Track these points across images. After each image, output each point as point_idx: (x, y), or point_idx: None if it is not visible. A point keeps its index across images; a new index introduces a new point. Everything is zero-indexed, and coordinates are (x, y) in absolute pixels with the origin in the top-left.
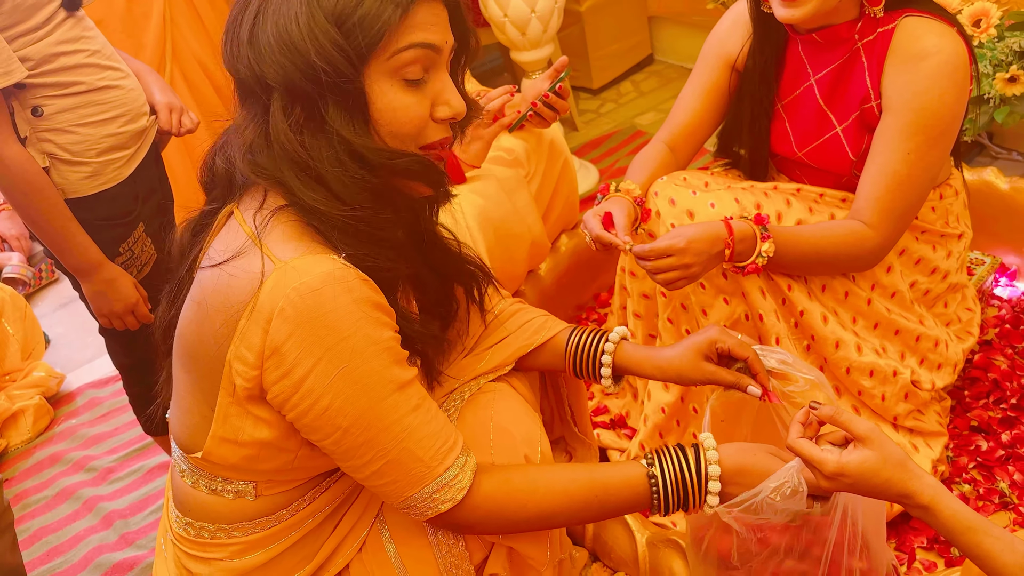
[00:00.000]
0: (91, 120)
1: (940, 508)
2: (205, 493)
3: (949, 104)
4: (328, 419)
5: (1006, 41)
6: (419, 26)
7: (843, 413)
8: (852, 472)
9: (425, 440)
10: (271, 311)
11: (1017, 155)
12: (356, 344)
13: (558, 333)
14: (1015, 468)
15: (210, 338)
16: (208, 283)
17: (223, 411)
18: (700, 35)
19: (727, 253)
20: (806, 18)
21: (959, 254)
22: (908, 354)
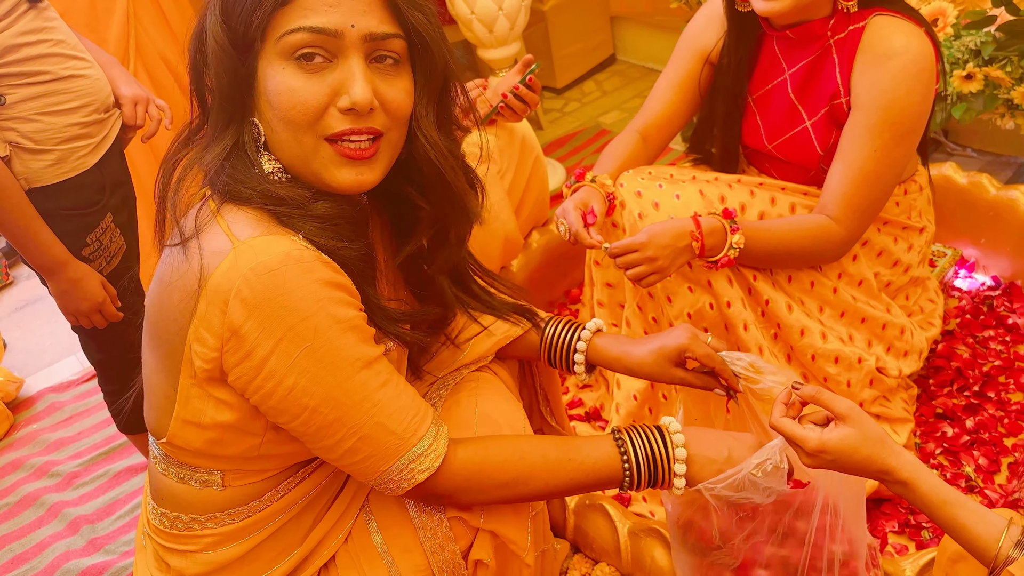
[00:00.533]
0: (55, 109)
1: (919, 483)
2: (174, 481)
3: (916, 102)
4: (294, 399)
5: (963, 39)
6: (311, 8)
7: (824, 392)
8: (833, 449)
9: (396, 414)
10: (228, 292)
11: (972, 151)
12: (319, 323)
13: (535, 324)
14: (980, 453)
15: (171, 316)
16: (168, 260)
17: (184, 392)
18: (662, 35)
19: (696, 246)
20: (784, 11)
21: (920, 248)
22: (875, 341)
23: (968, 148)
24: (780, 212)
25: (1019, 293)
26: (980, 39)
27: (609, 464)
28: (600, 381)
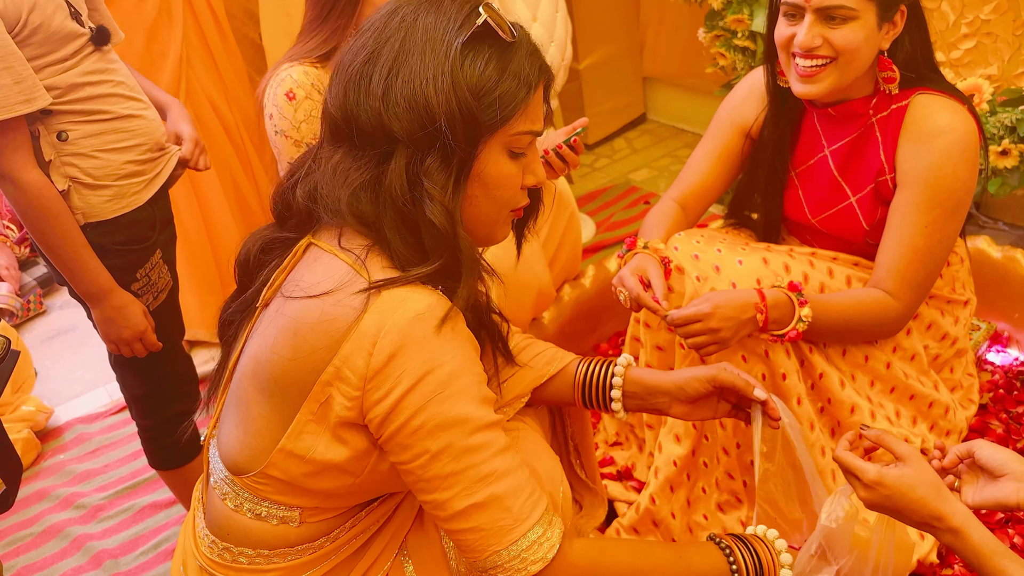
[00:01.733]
0: (114, 146)
1: (970, 532)
2: (248, 518)
3: (963, 179)
4: (419, 439)
5: (998, 116)
6: (532, 109)
7: (887, 435)
8: (890, 484)
9: (513, 490)
10: (376, 334)
11: (1004, 225)
12: (455, 370)
13: (568, 363)
14: (1015, 531)
15: (305, 363)
16: (308, 313)
17: (299, 427)
18: (693, 97)
19: (760, 319)
20: (823, 94)
21: (965, 320)
22: (920, 419)
23: (1000, 222)
24: (838, 284)
25: None
26: (1016, 116)
27: (717, 565)
28: (631, 439)
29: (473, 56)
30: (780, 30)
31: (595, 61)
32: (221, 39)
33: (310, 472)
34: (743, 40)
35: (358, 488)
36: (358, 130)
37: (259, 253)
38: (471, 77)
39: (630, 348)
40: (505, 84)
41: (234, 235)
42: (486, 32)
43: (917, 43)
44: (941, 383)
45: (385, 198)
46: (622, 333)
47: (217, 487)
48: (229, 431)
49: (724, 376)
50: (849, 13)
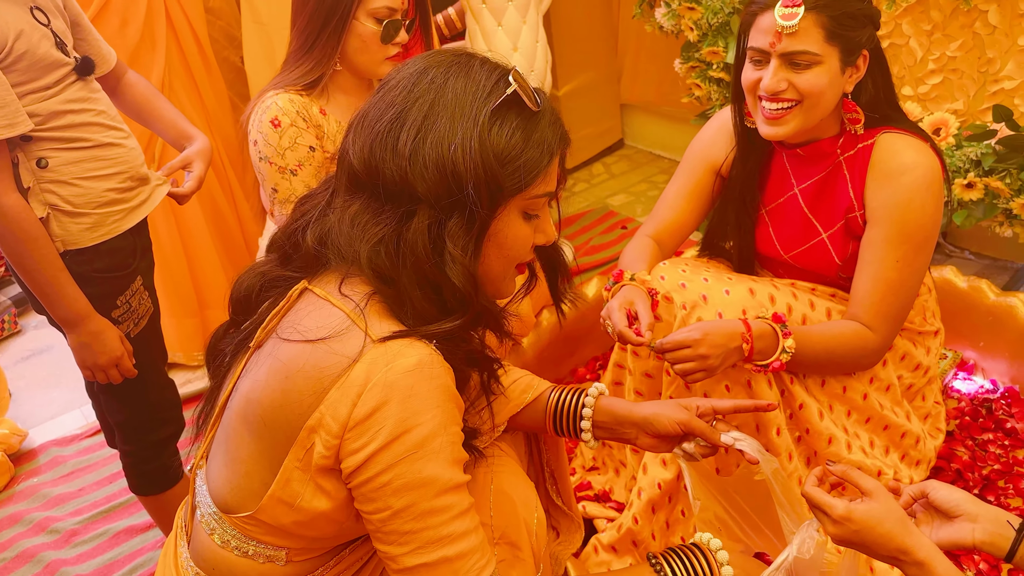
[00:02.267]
0: (94, 174)
1: (935, 565)
2: (235, 555)
3: (930, 214)
4: (383, 495)
5: (964, 150)
6: (551, 175)
7: (853, 471)
8: (858, 519)
9: (464, 553)
10: (363, 385)
11: (969, 254)
12: (432, 431)
13: (543, 392)
14: (980, 557)
15: (293, 408)
16: (301, 357)
17: (286, 474)
18: (669, 124)
19: (745, 348)
20: (788, 136)
21: (936, 349)
22: (892, 449)
23: (966, 251)
24: (819, 316)
25: (1017, 398)
26: (981, 151)
27: None
28: (608, 464)
29: (500, 124)
30: (747, 74)
31: (574, 88)
32: (203, 64)
33: (300, 520)
34: (718, 72)
35: (345, 531)
36: (382, 186)
37: (260, 290)
38: (498, 144)
39: (613, 374)
40: (529, 152)
41: (213, 259)
42: (514, 100)
43: (880, 85)
44: (913, 413)
45: (405, 255)
46: (600, 357)
47: (204, 522)
48: (218, 468)
49: (695, 423)
50: (813, 59)
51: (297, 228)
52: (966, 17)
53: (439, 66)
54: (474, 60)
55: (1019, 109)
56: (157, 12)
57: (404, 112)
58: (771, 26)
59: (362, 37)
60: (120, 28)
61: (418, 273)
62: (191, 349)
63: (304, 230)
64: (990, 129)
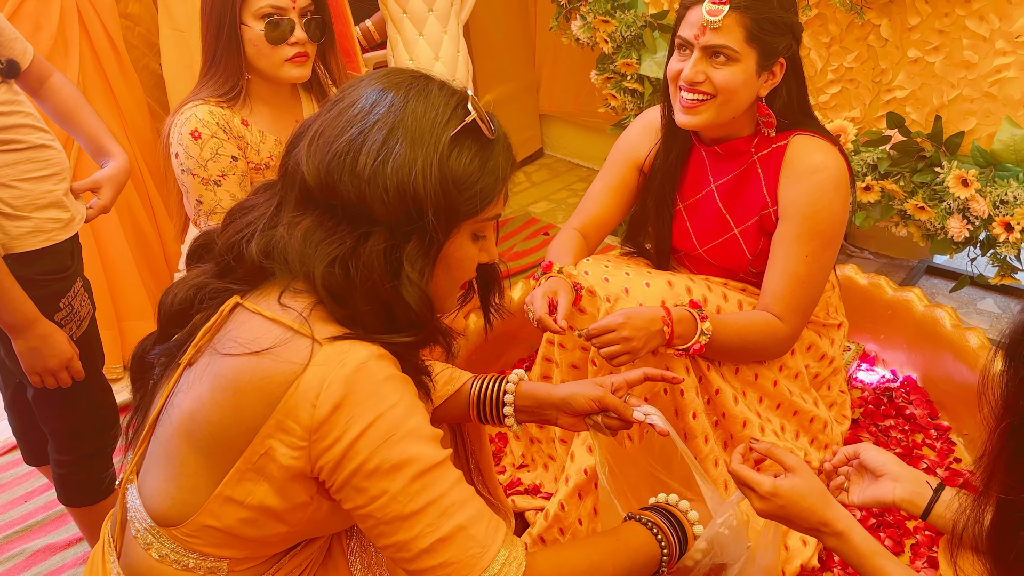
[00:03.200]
0: (32, 176)
1: (852, 535)
2: (174, 569)
3: (836, 212)
4: (375, 482)
5: (861, 155)
6: (502, 198)
7: (777, 448)
8: (783, 494)
9: (474, 517)
10: (319, 386)
11: (869, 253)
12: (403, 412)
13: (464, 383)
14: (885, 535)
15: (246, 421)
16: (247, 370)
17: (237, 476)
18: (587, 134)
19: (666, 332)
20: (702, 126)
21: (840, 341)
22: (802, 434)
23: (866, 251)
24: (732, 307)
25: (915, 386)
26: (877, 155)
27: (652, 555)
28: (537, 460)
29: (459, 151)
30: (671, 64)
31: (494, 98)
32: (120, 70)
33: (247, 519)
34: (632, 83)
35: (290, 536)
36: (338, 206)
37: (195, 302)
38: (457, 171)
39: (541, 368)
40: (485, 179)
41: (131, 269)
42: (472, 127)
43: (794, 94)
44: (820, 400)
45: (360, 275)
46: (526, 359)
47: (139, 537)
48: (157, 484)
49: (608, 400)
50: (732, 54)
51: (241, 239)
52: (860, 31)
53: (397, 88)
54: (432, 84)
55: (910, 116)
56: (70, 16)
57: (364, 133)
58: (698, 19)
59: (253, 41)
60: (33, 32)
61: (371, 293)
62: (109, 362)
63: (248, 241)
64: (885, 135)
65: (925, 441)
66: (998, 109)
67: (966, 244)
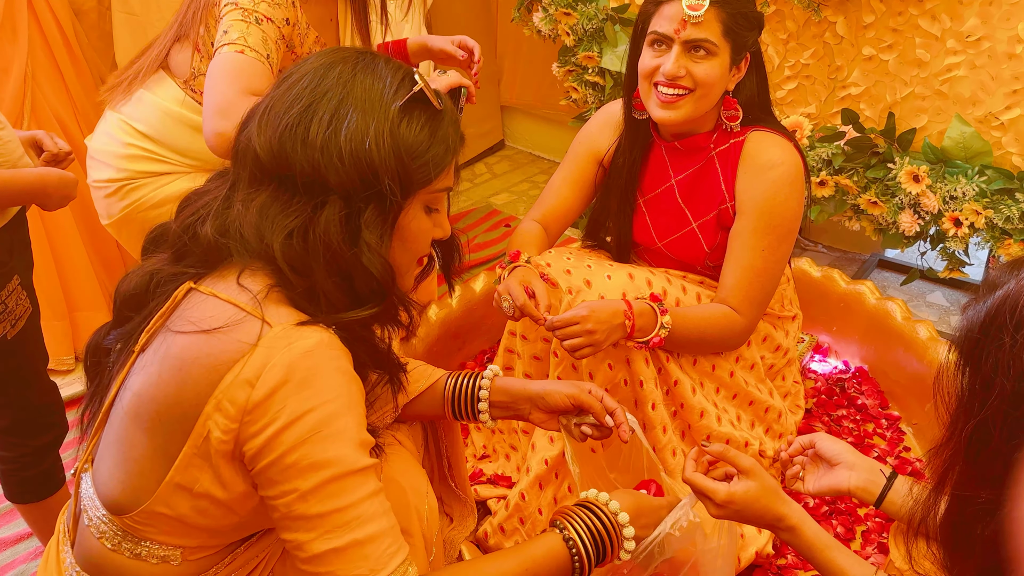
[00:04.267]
0: None
1: (804, 529)
2: (127, 557)
3: (792, 207)
4: (289, 477)
5: (817, 150)
6: (451, 171)
7: (729, 450)
8: (739, 499)
9: (376, 537)
10: (261, 367)
11: (822, 247)
12: (336, 411)
13: (438, 379)
14: (838, 522)
15: (189, 400)
16: (194, 347)
17: (185, 461)
18: (548, 126)
19: (628, 325)
20: (679, 121)
21: (795, 333)
22: (757, 423)
23: (819, 244)
24: (690, 299)
25: (867, 377)
26: (831, 151)
27: (559, 562)
28: (499, 450)
29: (409, 119)
30: (645, 61)
31: None
32: (70, 56)
33: (197, 507)
34: (593, 76)
35: (242, 526)
36: (290, 177)
37: (150, 288)
38: (408, 139)
39: (503, 359)
40: (435, 148)
41: (83, 258)
42: (419, 98)
43: (757, 88)
44: (775, 390)
45: (318, 245)
46: (487, 351)
47: (93, 526)
48: (108, 470)
49: (584, 398)
50: (712, 48)
51: (195, 221)
52: (817, 28)
53: (344, 62)
54: (378, 58)
55: (864, 113)
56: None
57: (313, 105)
58: (677, 14)
59: None
60: None
61: (331, 263)
62: (59, 353)
63: (202, 222)
64: (839, 131)
65: (876, 430)
66: (948, 107)
67: (917, 238)
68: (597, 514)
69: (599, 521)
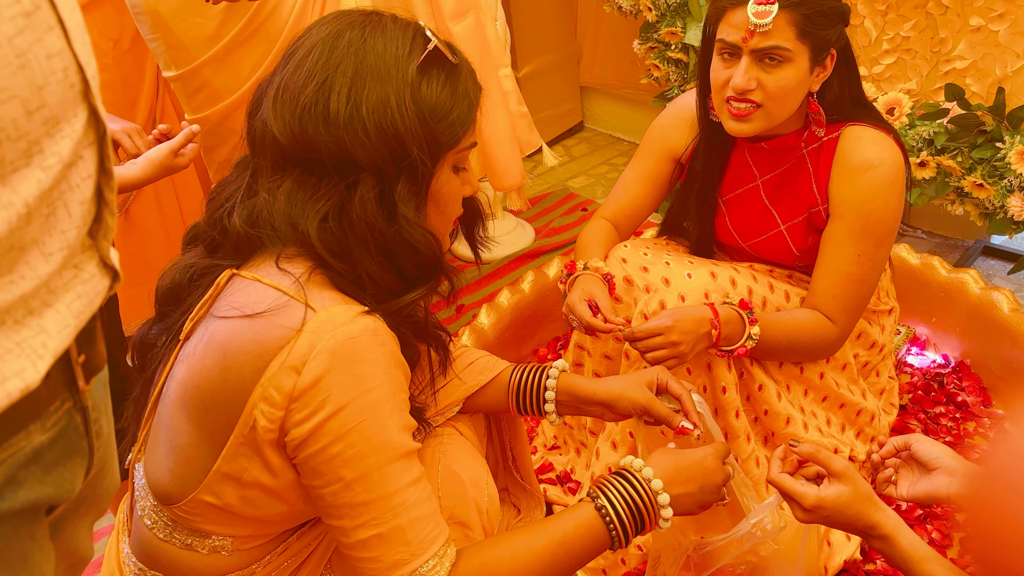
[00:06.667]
0: None
1: (900, 538)
2: (178, 548)
3: (892, 209)
4: (334, 467)
5: (917, 129)
6: (475, 128)
7: (821, 451)
8: (829, 505)
9: (418, 522)
10: (307, 354)
11: (922, 233)
12: (380, 398)
13: (502, 371)
14: (933, 527)
15: (234, 386)
16: (238, 333)
17: (233, 450)
18: (628, 107)
19: (714, 335)
20: (754, 133)
21: (891, 327)
22: (848, 427)
23: (919, 230)
24: (778, 298)
25: (968, 372)
26: (933, 130)
27: (595, 533)
28: (570, 443)
29: (428, 80)
30: (716, 73)
31: (533, 70)
32: None
33: (245, 497)
34: (676, 52)
35: (291, 515)
36: (317, 160)
37: (189, 281)
38: (431, 101)
39: (573, 355)
40: (459, 106)
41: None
42: (435, 55)
43: (845, 84)
44: (868, 390)
45: (356, 227)
46: (561, 338)
47: (145, 515)
48: (157, 460)
49: (655, 408)
50: (785, 55)
51: (222, 215)
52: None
53: (351, 28)
54: (385, 18)
55: (970, 88)
56: None
57: (328, 80)
58: (743, 22)
59: None
60: None
61: (372, 243)
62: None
63: (230, 215)
64: (942, 108)
65: (977, 429)
66: None
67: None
68: (632, 481)
69: (633, 489)
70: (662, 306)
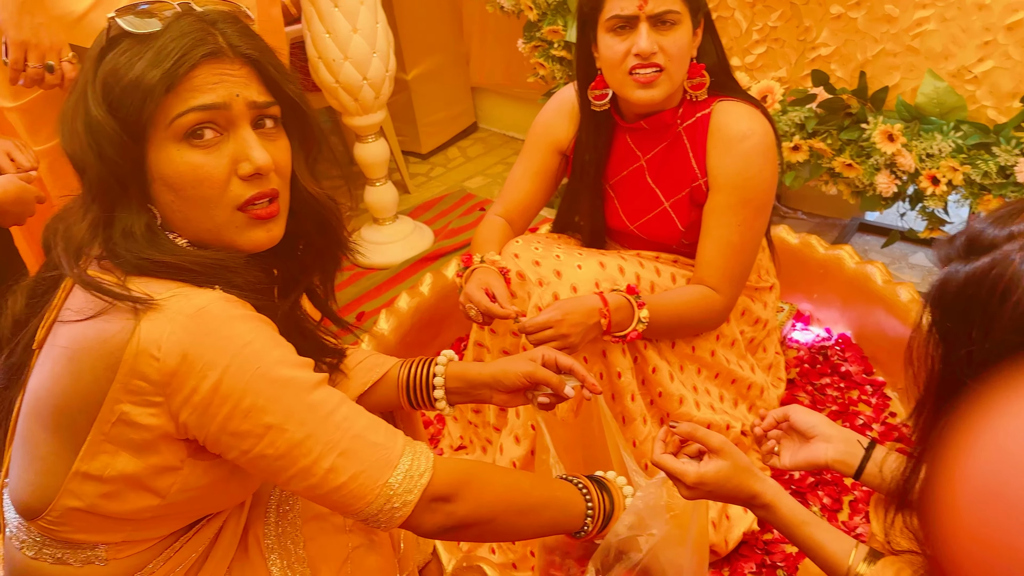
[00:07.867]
0: None
1: (780, 505)
2: (51, 564)
3: (767, 178)
4: (255, 419)
5: (789, 115)
6: (198, 88)
7: (698, 429)
8: (710, 480)
9: (371, 426)
10: (158, 339)
11: (802, 214)
12: (260, 347)
13: (391, 368)
14: (824, 492)
15: (88, 387)
16: (81, 334)
17: (93, 448)
18: (519, 105)
19: (604, 323)
20: (662, 99)
21: (773, 303)
22: (740, 401)
23: (799, 211)
24: (665, 281)
25: (849, 343)
26: (804, 115)
27: (574, 513)
28: (476, 442)
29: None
30: (613, 50)
31: (422, 72)
32: None
33: (109, 492)
34: (559, 50)
35: (165, 511)
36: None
37: (25, 302)
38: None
39: (473, 352)
40: (134, 73)
41: None
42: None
43: (716, 50)
44: (756, 365)
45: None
46: (463, 338)
47: (14, 537)
48: (18, 475)
49: (540, 373)
50: (676, 17)
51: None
52: None
53: None
54: None
55: (835, 74)
56: None
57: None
58: None
59: None
60: None
61: (141, 255)
62: None
63: (46, 228)
64: (810, 94)
65: (860, 397)
66: (920, 63)
67: (895, 199)
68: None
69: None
70: (555, 298)
